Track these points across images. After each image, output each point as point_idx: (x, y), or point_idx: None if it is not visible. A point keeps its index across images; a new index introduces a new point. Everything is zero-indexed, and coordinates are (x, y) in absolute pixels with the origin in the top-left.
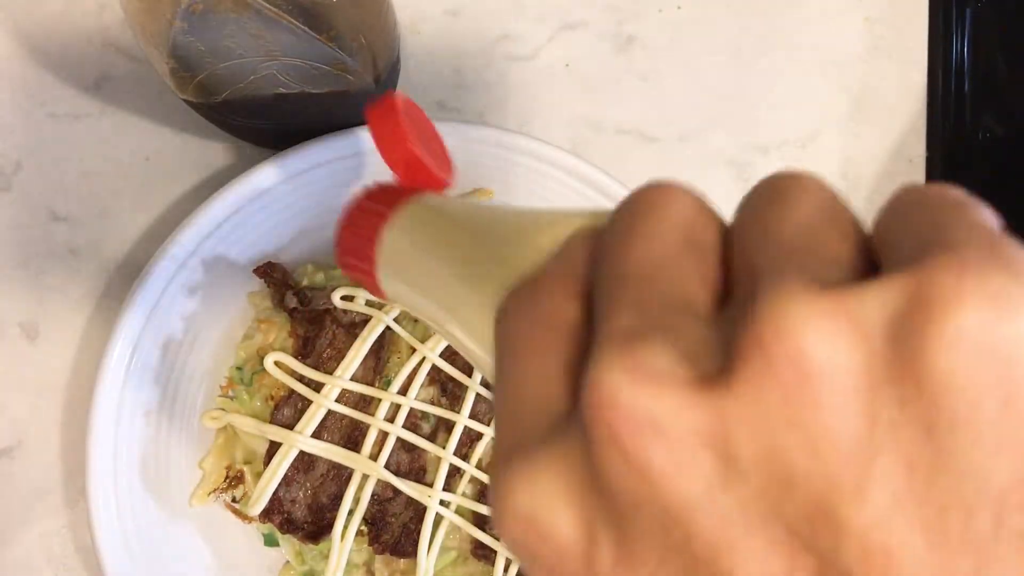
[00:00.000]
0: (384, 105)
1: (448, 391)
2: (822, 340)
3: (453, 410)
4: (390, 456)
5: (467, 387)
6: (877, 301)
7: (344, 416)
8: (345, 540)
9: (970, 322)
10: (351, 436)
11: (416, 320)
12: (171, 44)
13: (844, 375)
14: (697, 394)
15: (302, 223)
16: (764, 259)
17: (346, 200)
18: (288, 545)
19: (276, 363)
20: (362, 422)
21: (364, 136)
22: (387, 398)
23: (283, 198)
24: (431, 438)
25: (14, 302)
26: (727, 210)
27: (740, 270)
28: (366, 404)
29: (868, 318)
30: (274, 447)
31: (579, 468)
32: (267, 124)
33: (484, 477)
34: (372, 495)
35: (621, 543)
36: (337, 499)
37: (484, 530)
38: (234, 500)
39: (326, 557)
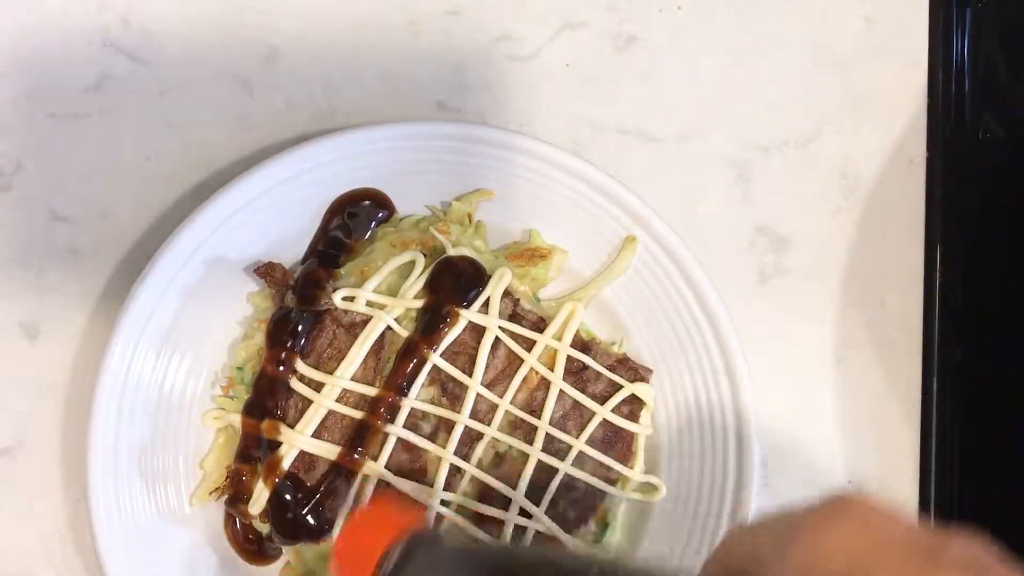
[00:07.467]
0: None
1: (448, 391)
2: None
3: (453, 410)
4: (390, 456)
5: (467, 387)
6: None
7: (344, 416)
8: None
9: None
10: (351, 436)
11: (417, 320)
12: None
13: None
14: None
15: (302, 223)
16: None
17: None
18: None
19: None
20: (362, 422)
21: (362, 137)
22: (387, 398)
23: (283, 199)
24: (431, 438)
25: (14, 302)
26: (726, 208)
27: None
28: (366, 404)
29: None
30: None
31: None
32: None
33: (484, 477)
34: (372, 495)
35: None
36: (337, 499)
37: (484, 530)
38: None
39: (326, 557)
